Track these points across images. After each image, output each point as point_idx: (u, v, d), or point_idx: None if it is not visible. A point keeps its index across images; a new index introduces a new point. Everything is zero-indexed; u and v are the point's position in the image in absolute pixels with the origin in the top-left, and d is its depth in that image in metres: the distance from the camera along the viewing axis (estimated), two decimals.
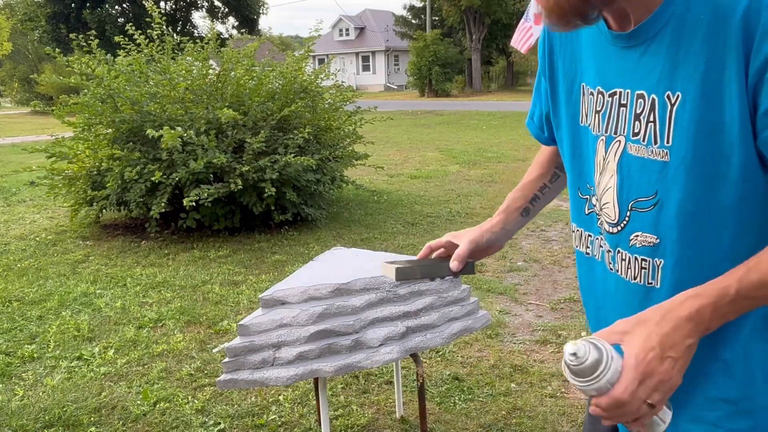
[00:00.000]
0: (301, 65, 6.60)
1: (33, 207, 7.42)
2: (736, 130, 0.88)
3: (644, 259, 1.00)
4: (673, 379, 0.86)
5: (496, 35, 36.05)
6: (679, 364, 0.86)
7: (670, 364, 0.85)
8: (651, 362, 0.84)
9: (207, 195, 5.17)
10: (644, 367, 0.84)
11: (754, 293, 0.86)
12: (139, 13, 28.35)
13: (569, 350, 0.83)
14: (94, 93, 5.74)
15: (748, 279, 0.86)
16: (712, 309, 0.86)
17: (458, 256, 1.25)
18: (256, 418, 2.73)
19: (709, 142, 0.90)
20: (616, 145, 1.02)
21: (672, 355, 0.85)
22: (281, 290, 2.07)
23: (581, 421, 2.64)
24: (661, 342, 0.85)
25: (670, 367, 0.85)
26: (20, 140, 15.68)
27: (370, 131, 8.96)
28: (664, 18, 0.93)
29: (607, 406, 0.84)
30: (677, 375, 0.86)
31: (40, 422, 2.73)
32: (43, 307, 4.12)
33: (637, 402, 0.84)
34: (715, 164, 0.90)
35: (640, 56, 0.97)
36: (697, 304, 0.86)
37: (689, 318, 0.86)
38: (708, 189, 0.92)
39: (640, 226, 1.00)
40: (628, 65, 0.99)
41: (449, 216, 6.37)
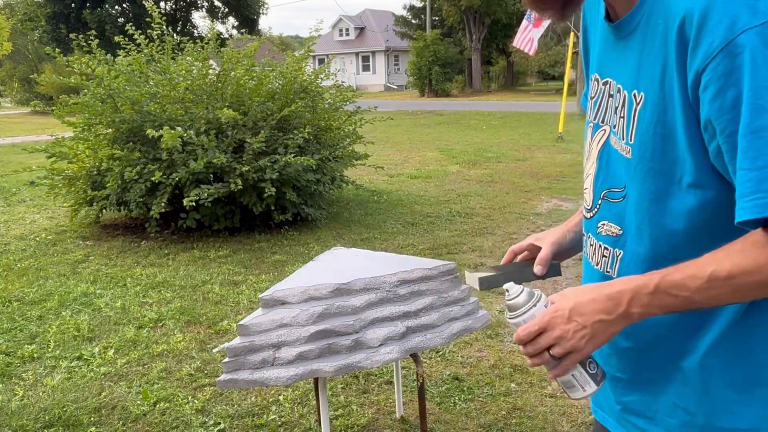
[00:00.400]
0: (301, 65, 6.59)
1: (33, 207, 7.42)
2: (683, 140, 0.88)
3: (606, 248, 1.04)
4: (575, 343, 0.93)
5: (496, 35, 36.04)
6: (584, 332, 0.92)
7: (574, 327, 0.92)
8: (556, 318, 0.94)
9: (207, 195, 5.17)
10: (548, 319, 0.94)
11: (674, 291, 0.88)
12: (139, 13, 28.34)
13: (506, 285, 1.00)
14: (94, 93, 5.74)
15: (671, 277, 0.88)
16: (631, 295, 0.90)
17: (541, 260, 1.24)
18: (256, 418, 2.73)
19: (663, 147, 0.90)
20: (601, 134, 1.04)
21: (578, 320, 0.92)
22: (281, 290, 2.07)
23: (581, 421, 2.64)
24: (574, 306, 0.93)
25: (574, 330, 0.92)
26: (20, 140, 15.67)
27: (370, 131, 8.96)
28: (638, 15, 0.94)
29: (515, 339, 0.97)
30: (581, 342, 0.93)
31: (40, 422, 2.73)
32: (43, 307, 4.12)
33: (536, 346, 0.94)
34: (669, 169, 0.91)
35: (623, 50, 0.98)
36: (619, 287, 0.91)
37: (609, 297, 0.91)
38: (662, 192, 0.93)
39: (608, 216, 1.03)
40: (616, 57, 1.01)
41: (449, 216, 6.37)
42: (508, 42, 34.18)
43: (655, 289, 0.89)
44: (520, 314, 0.97)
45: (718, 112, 0.81)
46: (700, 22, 0.81)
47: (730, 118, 0.80)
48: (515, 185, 7.97)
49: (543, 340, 0.94)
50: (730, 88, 0.79)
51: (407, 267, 2.23)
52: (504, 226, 5.95)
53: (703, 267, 0.86)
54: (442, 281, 2.26)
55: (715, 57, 0.80)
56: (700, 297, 0.87)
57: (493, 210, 6.61)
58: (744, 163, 0.80)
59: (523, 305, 0.97)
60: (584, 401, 2.78)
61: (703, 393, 0.98)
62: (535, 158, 10.27)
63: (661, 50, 0.88)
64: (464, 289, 2.32)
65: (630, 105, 0.95)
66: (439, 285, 2.25)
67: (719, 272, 0.85)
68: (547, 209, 6.64)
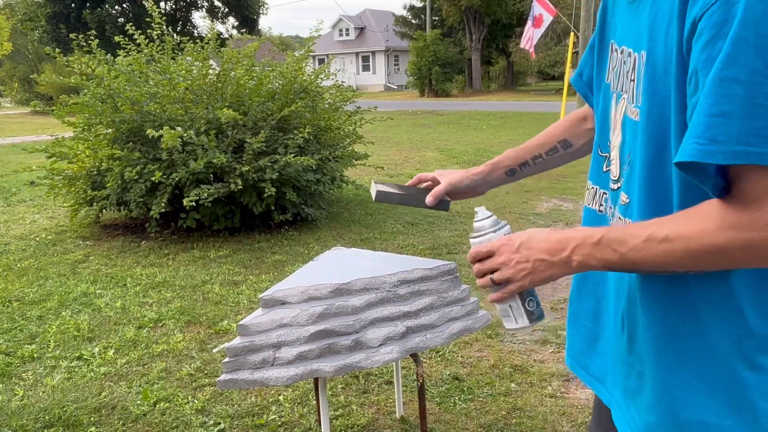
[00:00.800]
0: (301, 65, 6.59)
1: (33, 207, 7.42)
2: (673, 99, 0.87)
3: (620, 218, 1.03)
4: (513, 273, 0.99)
5: (496, 35, 36.04)
6: (524, 266, 0.98)
7: (517, 257, 0.98)
8: (505, 246, 1.00)
9: (207, 195, 5.17)
10: (497, 246, 1.01)
11: (614, 246, 0.89)
12: (139, 13, 28.35)
13: (477, 209, 1.09)
14: (94, 93, 5.74)
15: (615, 232, 0.90)
16: (577, 242, 0.93)
17: (434, 193, 1.37)
18: (256, 418, 2.73)
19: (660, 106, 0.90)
20: (622, 103, 1.03)
21: (523, 252, 0.98)
22: (281, 290, 2.07)
23: (581, 421, 2.64)
24: (525, 240, 0.99)
25: (516, 261, 0.98)
26: (20, 140, 15.67)
27: (370, 131, 8.96)
28: None
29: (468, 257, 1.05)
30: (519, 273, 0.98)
31: (40, 422, 2.73)
32: (43, 307, 4.12)
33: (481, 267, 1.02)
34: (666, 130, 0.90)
35: (633, 14, 0.98)
36: (571, 234, 0.94)
37: (558, 240, 0.95)
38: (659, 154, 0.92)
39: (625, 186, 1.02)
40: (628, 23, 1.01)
41: (449, 216, 6.37)
42: (508, 42, 34.25)
43: (599, 241, 0.90)
44: (479, 236, 1.05)
45: (705, 62, 0.80)
46: None
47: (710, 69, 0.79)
48: (515, 185, 7.96)
49: (489, 262, 1.01)
50: (721, 38, 0.78)
51: (407, 267, 2.23)
52: None
53: (646, 227, 0.87)
54: (442, 281, 2.26)
55: (712, 5, 0.79)
56: (635, 255, 0.87)
57: (493, 210, 6.61)
58: (701, 109, 0.79)
59: (486, 229, 1.05)
60: (585, 402, 2.79)
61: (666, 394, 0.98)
62: None
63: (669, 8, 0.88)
64: (464, 289, 2.32)
65: (639, 66, 0.95)
66: (439, 285, 2.25)
67: (657, 233, 0.85)
68: (547, 209, 6.64)
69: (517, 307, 1.05)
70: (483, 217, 1.07)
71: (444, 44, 33.54)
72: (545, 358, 3.24)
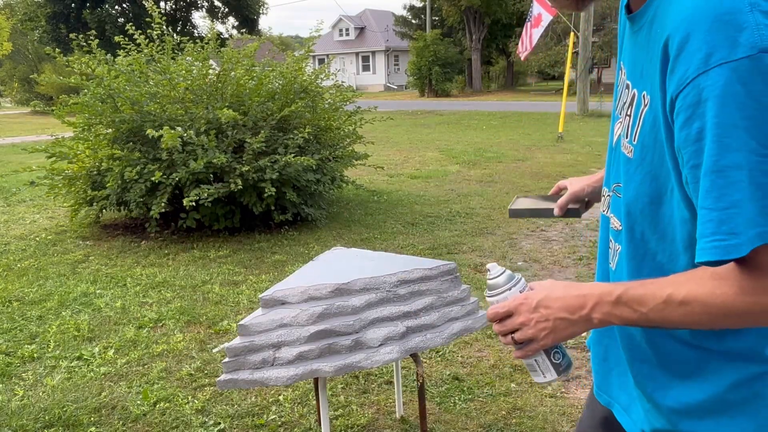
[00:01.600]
0: (301, 65, 6.59)
1: (33, 207, 7.42)
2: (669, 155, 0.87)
3: (611, 241, 1.06)
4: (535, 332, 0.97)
5: (496, 35, 36.02)
6: (545, 325, 0.96)
7: (537, 317, 0.96)
8: (523, 306, 0.98)
9: (207, 195, 5.17)
10: (515, 305, 0.98)
11: (633, 305, 0.88)
12: (139, 13, 28.35)
13: (489, 265, 1.06)
14: (94, 93, 5.74)
15: (634, 290, 0.89)
16: (595, 300, 0.91)
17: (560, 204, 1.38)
18: (256, 418, 2.73)
19: (660, 155, 0.89)
20: (618, 126, 1.04)
21: (542, 312, 0.96)
22: (281, 290, 2.07)
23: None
24: (543, 298, 0.96)
25: (536, 320, 0.96)
26: (20, 140, 15.67)
27: (370, 131, 8.97)
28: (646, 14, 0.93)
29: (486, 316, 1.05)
30: (540, 333, 0.96)
31: (40, 422, 2.73)
32: (43, 307, 4.12)
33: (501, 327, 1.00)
34: (663, 178, 0.90)
35: (634, 44, 0.98)
36: (588, 290, 0.93)
37: (576, 297, 0.94)
38: (653, 199, 0.92)
39: (614, 210, 1.04)
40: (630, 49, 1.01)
41: (449, 216, 6.37)
42: (508, 42, 34.23)
43: (617, 300, 0.89)
44: (495, 294, 1.03)
45: (684, 142, 0.80)
46: (680, 47, 0.80)
47: (693, 150, 0.79)
48: (515, 185, 7.96)
49: (509, 323, 0.99)
50: (696, 119, 0.78)
51: (407, 267, 2.24)
52: (504, 226, 5.95)
53: (664, 287, 0.86)
54: (442, 281, 2.26)
55: (686, 86, 0.78)
56: (655, 316, 0.87)
57: (493, 210, 6.61)
58: (706, 202, 0.78)
59: (501, 286, 1.03)
60: (585, 402, 2.79)
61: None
62: (535, 158, 10.27)
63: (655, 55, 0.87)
64: (464, 289, 2.32)
65: (638, 105, 0.94)
66: (439, 285, 2.25)
67: (675, 296, 0.84)
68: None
69: (543, 362, 1.03)
70: (496, 274, 1.04)
71: (444, 44, 33.52)
72: None
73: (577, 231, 5.72)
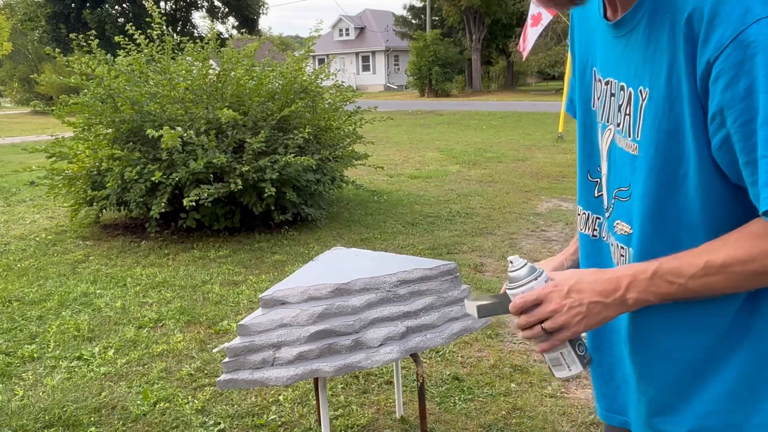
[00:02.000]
0: (301, 65, 6.59)
1: (33, 207, 7.41)
2: (689, 134, 0.88)
3: (622, 247, 1.04)
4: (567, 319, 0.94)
5: (496, 35, 36.02)
6: (579, 310, 0.94)
7: (570, 302, 0.94)
8: (554, 293, 0.95)
9: (207, 195, 5.17)
10: (546, 293, 0.96)
11: (670, 278, 0.90)
12: (139, 13, 28.34)
13: (511, 258, 1.02)
14: (94, 93, 5.74)
15: (669, 263, 0.90)
16: (629, 280, 0.92)
17: None
18: (256, 418, 2.73)
19: (669, 143, 0.90)
20: (608, 134, 1.05)
21: (575, 297, 0.94)
22: (281, 290, 2.07)
23: (581, 421, 2.64)
24: (574, 284, 0.95)
25: (570, 306, 0.94)
26: (20, 140, 15.68)
27: (370, 131, 8.97)
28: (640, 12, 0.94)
29: (510, 308, 0.99)
30: (573, 319, 0.94)
31: (40, 422, 2.73)
32: (43, 307, 4.12)
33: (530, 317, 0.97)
34: (674, 165, 0.91)
35: (623, 48, 0.98)
36: (619, 272, 0.94)
37: (608, 280, 0.93)
38: (667, 189, 0.93)
39: (620, 215, 1.03)
40: (616, 55, 1.00)
41: (449, 216, 6.37)
42: (508, 42, 34.22)
43: (653, 275, 0.90)
44: (518, 286, 0.99)
45: (731, 101, 0.81)
46: (712, 13, 0.81)
47: (743, 107, 0.80)
48: (515, 185, 7.97)
49: (538, 311, 0.96)
50: (743, 77, 0.79)
51: (407, 267, 2.24)
52: (504, 226, 5.95)
53: (700, 255, 0.88)
54: (442, 281, 2.26)
55: (726, 47, 0.80)
56: (695, 284, 0.88)
57: (493, 210, 6.61)
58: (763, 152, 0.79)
59: (524, 278, 0.99)
60: (584, 402, 2.79)
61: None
62: (535, 158, 10.27)
63: (669, 45, 0.88)
64: (464, 289, 2.32)
65: (636, 101, 0.95)
66: (439, 285, 2.25)
67: (714, 261, 0.86)
68: (547, 209, 6.64)
69: (569, 354, 1.00)
70: (519, 265, 1.01)
71: (444, 44, 33.52)
72: None
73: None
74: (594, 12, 1.08)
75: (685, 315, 0.96)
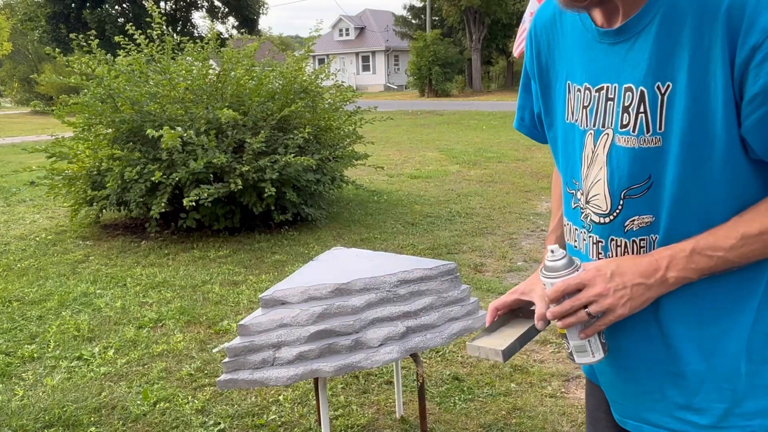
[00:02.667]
0: (301, 65, 6.60)
1: (33, 207, 7.42)
2: (720, 118, 0.93)
3: (642, 239, 1.05)
4: (613, 301, 0.97)
5: (496, 35, 36.01)
6: (623, 292, 0.98)
7: (615, 285, 0.98)
8: (598, 277, 0.99)
9: (207, 195, 5.17)
10: (590, 277, 0.99)
11: (709, 252, 0.95)
12: (139, 13, 28.35)
13: (551, 248, 1.03)
14: (94, 93, 5.74)
15: (705, 240, 0.96)
16: (669, 259, 0.97)
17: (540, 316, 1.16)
18: (256, 418, 2.73)
19: (697, 128, 0.95)
20: (605, 138, 1.06)
21: (618, 280, 0.98)
22: (281, 290, 2.07)
23: (581, 420, 2.64)
24: (616, 267, 0.99)
25: (615, 288, 0.98)
26: (20, 140, 15.68)
27: (370, 131, 8.97)
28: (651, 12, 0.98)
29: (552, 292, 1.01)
30: (619, 301, 0.97)
31: (40, 422, 2.73)
32: (43, 307, 4.12)
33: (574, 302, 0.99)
34: (702, 149, 0.96)
35: (627, 51, 1.02)
36: (657, 254, 0.98)
37: (648, 263, 0.98)
38: (696, 172, 0.97)
39: (636, 211, 1.04)
40: (615, 60, 1.03)
41: (449, 216, 6.37)
42: (508, 42, 34.20)
43: (692, 252, 0.95)
44: (557, 276, 1.01)
45: None
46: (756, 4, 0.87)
47: None
48: (515, 185, 7.97)
49: (583, 295, 0.99)
50: None
51: (407, 267, 2.24)
52: (504, 226, 5.95)
53: (734, 228, 0.94)
54: (442, 281, 2.26)
55: None
56: (733, 255, 0.94)
57: (493, 210, 6.61)
58: None
59: (562, 269, 1.01)
60: (584, 401, 2.79)
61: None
62: (535, 158, 10.27)
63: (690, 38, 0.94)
64: (464, 289, 2.32)
65: (652, 98, 0.99)
66: (439, 285, 2.25)
67: (750, 231, 0.93)
68: (547, 209, 6.64)
69: (595, 341, 1.03)
70: (559, 256, 1.02)
71: (444, 44, 33.51)
72: (545, 358, 3.24)
73: None
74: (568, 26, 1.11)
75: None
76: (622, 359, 1.10)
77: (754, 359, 0.99)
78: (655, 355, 1.05)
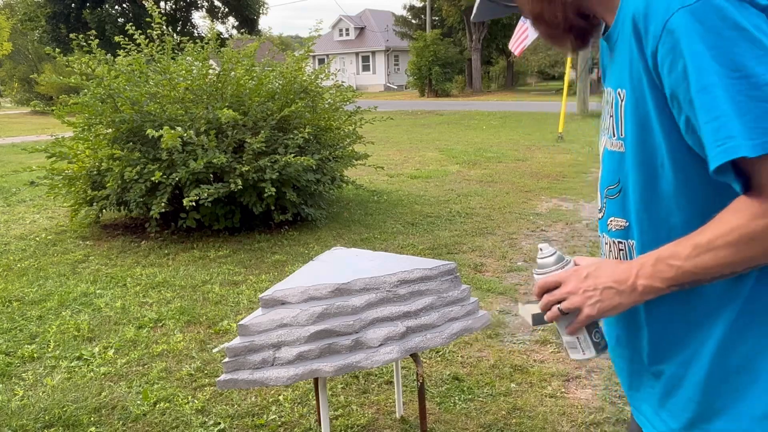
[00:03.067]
0: (301, 65, 6.59)
1: (33, 207, 7.41)
2: (656, 125, 0.96)
3: (620, 242, 1.10)
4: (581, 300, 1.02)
5: (496, 35, 36.02)
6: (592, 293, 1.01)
7: (585, 285, 1.02)
8: (573, 276, 1.04)
9: (207, 195, 5.17)
10: (566, 275, 1.05)
11: (670, 261, 0.95)
12: (139, 13, 28.35)
13: (541, 245, 1.10)
14: (94, 93, 5.74)
15: (667, 249, 0.96)
16: (638, 267, 0.98)
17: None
18: (256, 418, 2.73)
19: (644, 135, 0.99)
20: (604, 139, 1.13)
21: (591, 281, 1.02)
22: (281, 290, 2.07)
23: (581, 421, 2.64)
24: (595, 269, 1.03)
25: (585, 288, 1.02)
26: (20, 140, 15.68)
27: (370, 131, 8.97)
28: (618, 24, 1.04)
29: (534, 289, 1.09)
30: (587, 301, 1.02)
31: (40, 422, 2.73)
32: (43, 307, 4.12)
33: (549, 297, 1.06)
34: (652, 155, 0.98)
35: (614, 57, 1.08)
36: (633, 262, 1.00)
37: (623, 270, 1.00)
38: (651, 178, 1.00)
39: (613, 212, 1.09)
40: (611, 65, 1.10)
41: (449, 216, 6.37)
42: (508, 42, 34.21)
43: (656, 260, 0.96)
44: (545, 272, 1.08)
45: (677, 82, 0.90)
46: (646, 12, 0.93)
47: (685, 86, 0.89)
48: (515, 185, 7.97)
49: (557, 292, 1.05)
50: (678, 59, 0.89)
51: (407, 267, 2.24)
52: (504, 226, 5.95)
53: (692, 237, 0.94)
54: (442, 281, 2.26)
55: (660, 37, 0.90)
56: (690, 265, 0.93)
57: (493, 210, 6.61)
58: (702, 119, 0.88)
59: (551, 266, 1.08)
60: (585, 402, 2.79)
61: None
62: (535, 158, 10.27)
63: (627, 47, 0.99)
64: (464, 289, 2.32)
65: (616, 102, 1.04)
66: (439, 285, 2.25)
67: (702, 240, 0.92)
68: (547, 209, 6.64)
69: (585, 339, 1.07)
70: (549, 253, 1.09)
71: (444, 44, 33.51)
72: (545, 358, 3.24)
73: (577, 231, 5.72)
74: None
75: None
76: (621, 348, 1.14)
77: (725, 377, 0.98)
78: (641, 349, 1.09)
